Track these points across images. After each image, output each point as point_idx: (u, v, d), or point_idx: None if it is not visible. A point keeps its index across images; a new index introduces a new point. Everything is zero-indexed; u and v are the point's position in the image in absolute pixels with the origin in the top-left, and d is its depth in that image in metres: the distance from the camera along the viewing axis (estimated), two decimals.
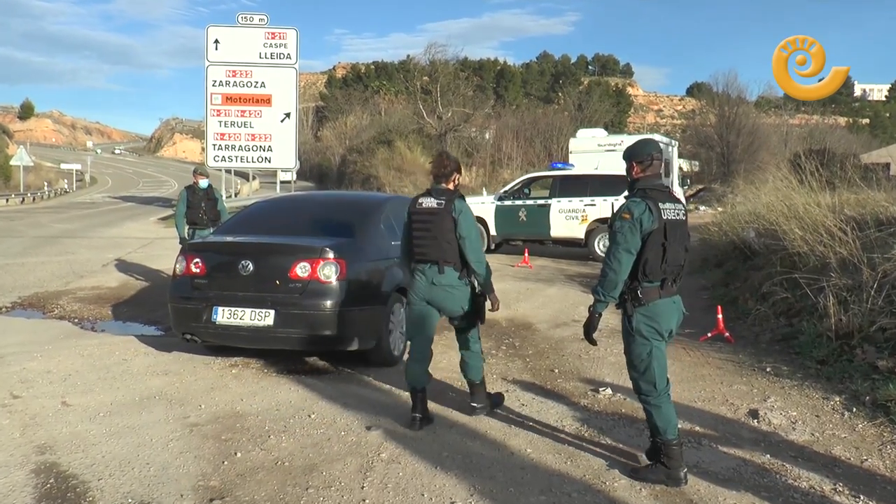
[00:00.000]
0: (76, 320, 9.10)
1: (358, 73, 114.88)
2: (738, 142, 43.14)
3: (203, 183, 10.89)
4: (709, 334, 8.33)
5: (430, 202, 5.37)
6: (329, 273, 6.44)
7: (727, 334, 8.23)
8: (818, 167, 11.15)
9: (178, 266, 6.99)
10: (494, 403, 5.72)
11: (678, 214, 4.31)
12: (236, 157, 29.72)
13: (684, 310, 4.50)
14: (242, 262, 6.53)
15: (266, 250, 6.71)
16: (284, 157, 30.21)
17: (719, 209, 32.04)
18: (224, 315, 6.53)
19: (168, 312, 7.05)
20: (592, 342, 4.55)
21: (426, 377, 5.34)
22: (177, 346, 7.52)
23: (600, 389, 6.29)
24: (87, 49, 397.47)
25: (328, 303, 6.35)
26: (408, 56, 73.37)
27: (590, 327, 4.49)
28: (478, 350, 5.59)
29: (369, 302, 6.60)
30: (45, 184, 51.04)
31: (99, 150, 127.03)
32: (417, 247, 5.34)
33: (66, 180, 59.92)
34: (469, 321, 5.53)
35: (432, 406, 5.42)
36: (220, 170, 30.66)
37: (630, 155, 4.46)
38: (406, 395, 5.54)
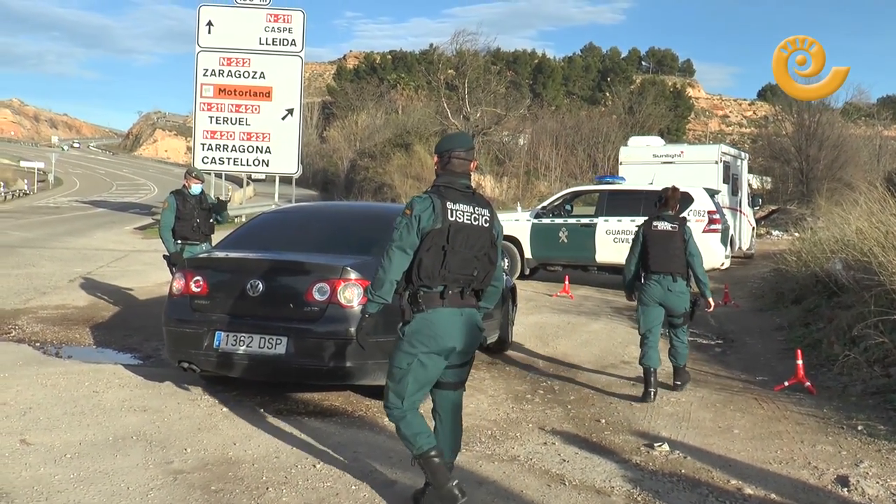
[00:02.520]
0: (38, 344, 9.15)
1: (372, 63, 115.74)
2: (819, 156, 42.80)
3: (196, 188, 10.63)
4: (786, 383, 8.24)
5: (664, 226, 8.08)
6: (351, 296, 6.48)
7: (808, 384, 8.14)
8: None
9: (175, 284, 7.06)
10: (685, 380, 8.21)
11: (475, 220, 4.58)
12: (228, 158, 29.90)
13: (481, 326, 4.75)
14: (251, 281, 6.60)
15: (278, 269, 6.78)
16: (285, 161, 30.32)
17: (796, 235, 31.98)
18: (228, 341, 6.59)
19: (149, 338, 7.09)
20: (365, 345, 4.80)
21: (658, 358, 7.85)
22: (157, 378, 7.56)
23: (655, 445, 6.24)
24: (56, 29, 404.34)
25: (349, 330, 6.37)
26: (431, 45, 73.70)
27: (357, 329, 4.73)
28: (686, 340, 8.25)
29: (394, 331, 6.57)
30: (1, 184, 51.59)
31: (66, 147, 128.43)
32: (654, 261, 7.95)
33: (26, 180, 60.50)
34: (685, 318, 8.13)
35: (458, 457, 5.38)
36: (210, 173, 30.91)
37: (435, 149, 4.82)
38: None
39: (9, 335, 9.56)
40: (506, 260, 13.33)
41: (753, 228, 24.44)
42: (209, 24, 29.72)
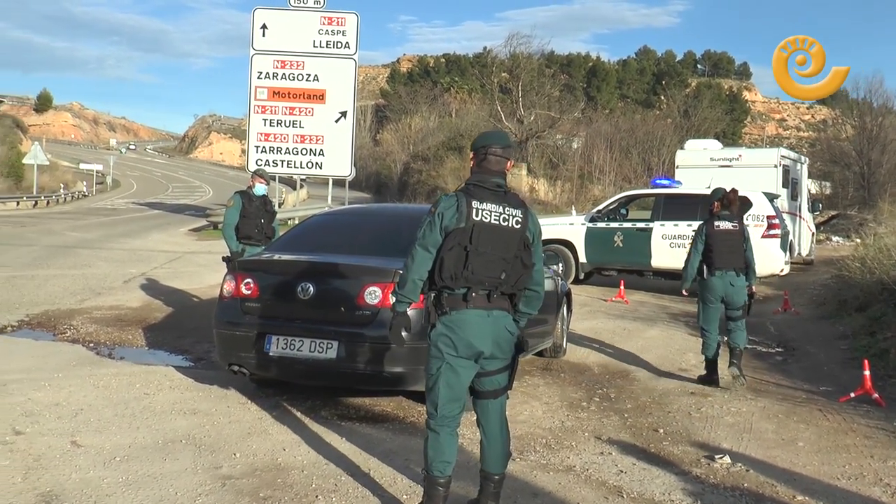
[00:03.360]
0: (91, 345, 9.19)
1: (426, 66, 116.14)
2: (882, 160, 41.92)
3: (260, 188, 10.43)
4: (852, 394, 7.95)
5: (726, 225, 8.64)
6: None
7: (876, 395, 7.84)
8: None
9: (225, 287, 7.02)
10: (740, 359, 8.72)
11: (503, 220, 4.40)
12: (282, 161, 30.02)
13: (512, 330, 4.51)
14: (302, 284, 6.52)
15: (330, 272, 6.69)
16: (338, 164, 30.37)
17: (857, 241, 31.27)
18: (279, 345, 6.53)
19: (201, 340, 7.05)
20: (399, 343, 5.02)
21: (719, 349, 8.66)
22: (208, 380, 7.54)
23: (716, 457, 6.03)
24: (117, 34, 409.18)
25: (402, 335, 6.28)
26: (484, 48, 73.85)
27: (390, 326, 4.63)
28: (743, 327, 8.82)
29: None
30: (62, 186, 52.60)
31: (123, 150, 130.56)
32: (718, 258, 8.53)
33: (84, 182, 61.69)
34: (744, 311, 8.85)
35: (512, 467, 5.23)
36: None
37: (471, 146, 4.69)
38: (476, 454, 5.36)
39: (64, 335, 9.64)
40: (560, 264, 13.13)
41: (813, 234, 23.91)
42: (263, 27, 29.87)
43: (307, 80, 29.97)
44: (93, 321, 10.48)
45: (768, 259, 15.74)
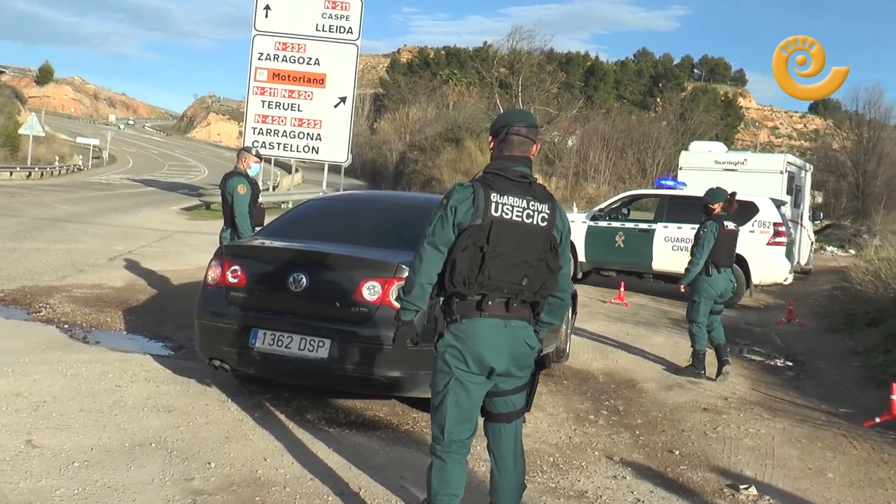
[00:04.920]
0: (66, 326, 8.44)
1: (426, 58, 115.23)
2: (878, 171, 41.46)
3: (255, 169, 9.52)
4: (877, 419, 7.30)
5: (731, 225, 8.99)
6: None
7: None
8: None
9: (210, 273, 6.29)
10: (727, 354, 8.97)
11: (528, 217, 3.70)
12: (279, 143, 29.26)
13: (532, 343, 3.80)
14: (294, 274, 5.82)
15: (325, 262, 5.97)
16: (335, 149, 29.66)
17: (852, 251, 30.75)
18: (266, 340, 5.84)
19: (183, 326, 6.36)
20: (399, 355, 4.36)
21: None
22: (186, 373, 6.84)
23: (741, 487, 5.40)
24: (121, 11, 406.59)
25: None
26: (485, 42, 73.02)
27: (394, 337, 3.99)
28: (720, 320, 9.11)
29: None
30: (57, 158, 51.51)
31: (122, 126, 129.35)
32: (723, 257, 8.83)
33: (81, 156, 60.64)
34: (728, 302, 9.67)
35: None
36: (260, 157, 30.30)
37: (490, 128, 3.99)
38: (481, 472, 4.70)
39: (38, 314, 8.87)
40: None
41: (812, 243, 23.30)
42: (267, 7, 29.08)
43: (308, 63, 29.25)
44: (71, 300, 9.73)
45: (773, 267, 15.14)
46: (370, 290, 5.68)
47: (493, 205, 3.63)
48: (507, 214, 3.65)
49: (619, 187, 52.21)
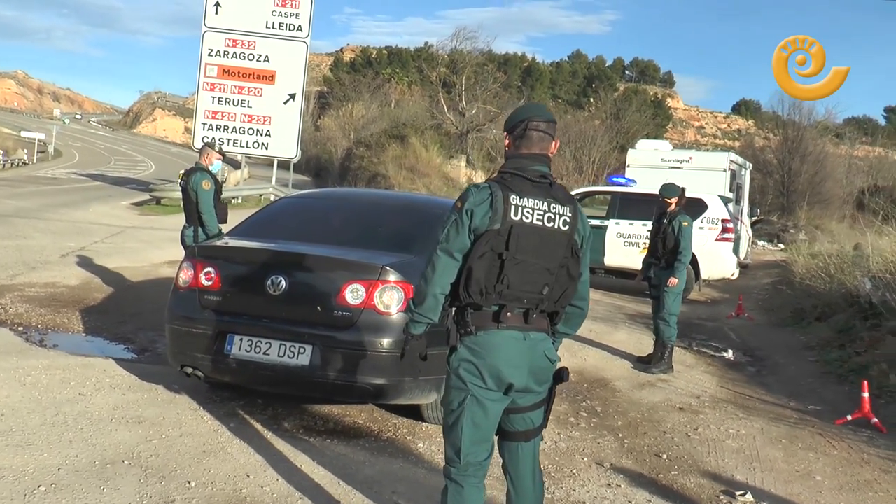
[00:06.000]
0: (21, 328, 7.77)
1: (368, 57, 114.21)
2: (801, 169, 41.92)
3: (216, 165, 8.81)
4: (849, 417, 7.06)
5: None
6: (389, 301, 5.22)
7: (875, 420, 6.96)
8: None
9: (182, 275, 5.72)
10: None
11: (549, 220, 3.29)
12: (229, 139, 28.30)
13: (552, 357, 3.39)
14: (273, 277, 5.31)
15: (306, 264, 5.46)
16: (285, 145, 28.98)
17: (781, 246, 31.02)
18: (242, 346, 5.34)
19: (144, 327, 5.82)
20: (413, 374, 3.90)
21: None
22: (153, 378, 6.29)
23: (737, 494, 5.10)
24: (65, 7, 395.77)
25: (385, 341, 5.14)
26: (426, 43, 72.47)
27: (402, 353, 3.61)
28: None
29: (437, 342, 5.27)
30: (1, 152, 49.70)
31: (67, 120, 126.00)
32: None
33: (26, 150, 58.57)
34: None
35: None
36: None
37: (505, 123, 3.51)
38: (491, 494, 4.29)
39: None
40: None
41: (751, 238, 23.33)
42: (217, 4, 28.14)
43: (258, 60, 28.49)
44: (25, 300, 9.03)
45: (720, 262, 15.01)
46: (353, 294, 5.21)
47: (513, 208, 3.22)
48: (527, 218, 3.24)
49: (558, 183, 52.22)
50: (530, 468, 3.46)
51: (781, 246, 30.58)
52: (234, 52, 28.48)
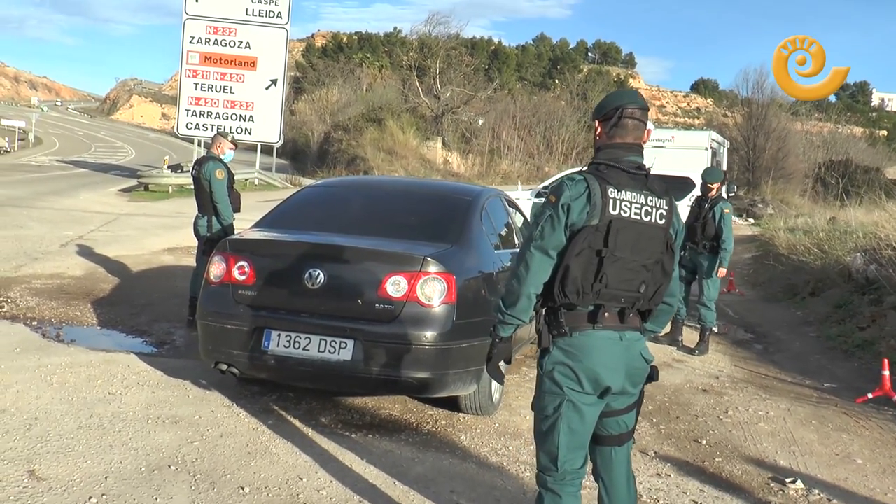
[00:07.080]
0: (35, 323, 7.36)
1: (339, 42, 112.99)
2: (766, 146, 42.02)
3: (229, 154, 8.17)
4: (869, 395, 6.85)
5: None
6: (431, 293, 4.89)
7: None
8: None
9: (214, 270, 5.32)
10: None
11: (646, 214, 3.00)
12: (212, 125, 27.81)
13: (648, 357, 3.15)
14: (310, 270, 4.96)
15: (343, 256, 5.12)
16: (267, 130, 28.67)
17: (750, 220, 30.99)
18: (281, 342, 4.98)
19: (158, 318, 5.45)
20: (497, 378, 3.32)
21: None
22: (179, 373, 5.95)
23: (787, 481, 4.83)
24: None
25: (429, 334, 4.82)
26: (395, 28, 71.69)
27: (489, 357, 3.17)
28: None
29: (479, 334, 4.94)
30: None
31: (45, 108, 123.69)
32: None
33: (6, 138, 57.34)
34: None
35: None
36: (192, 139, 28.92)
37: (595, 110, 3.20)
38: (526, 476, 4.01)
39: (1, 310, 7.75)
40: None
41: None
42: None
43: (239, 46, 28.13)
44: (33, 293, 8.60)
45: None
46: (395, 286, 4.88)
47: (612, 202, 2.91)
48: (625, 212, 2.94)
49: (528, 163, 52.09)
50: (624, 473, 3.19)
51: (751, 220, 30.53)
52: (216, 40, 28.09)
